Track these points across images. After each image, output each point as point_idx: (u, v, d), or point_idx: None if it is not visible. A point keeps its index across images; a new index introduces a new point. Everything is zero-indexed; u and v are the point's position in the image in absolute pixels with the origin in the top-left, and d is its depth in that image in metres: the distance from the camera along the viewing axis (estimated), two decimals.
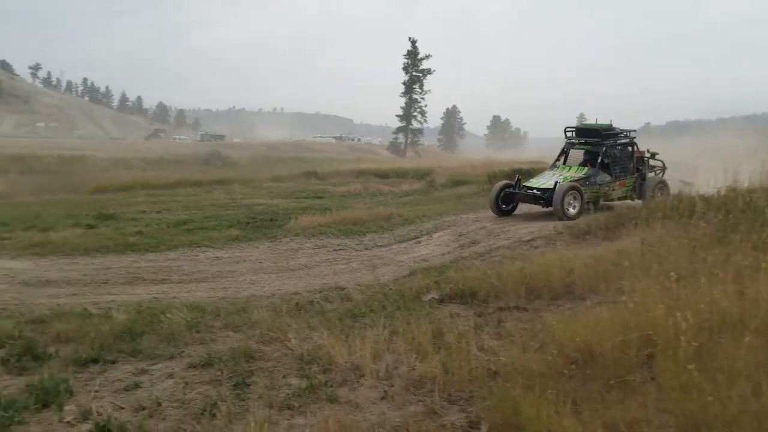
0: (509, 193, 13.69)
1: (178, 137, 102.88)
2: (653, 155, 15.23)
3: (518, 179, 13.97)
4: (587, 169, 13.86)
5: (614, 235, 8.86)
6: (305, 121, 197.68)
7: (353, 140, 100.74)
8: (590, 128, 14.78)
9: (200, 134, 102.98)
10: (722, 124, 65.93)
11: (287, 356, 5.01)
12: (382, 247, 11.81)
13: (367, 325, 5.63)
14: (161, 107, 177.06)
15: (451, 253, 10.41)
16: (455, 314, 6.00)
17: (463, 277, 7.05)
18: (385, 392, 4.28)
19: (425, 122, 78.45)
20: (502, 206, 13.66)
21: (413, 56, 73.49)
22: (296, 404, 4.12)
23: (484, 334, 5.27)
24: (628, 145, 14.56)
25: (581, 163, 14.39)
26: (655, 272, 5.32)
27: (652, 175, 14.98)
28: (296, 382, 4.50)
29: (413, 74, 74.19)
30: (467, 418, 3.88)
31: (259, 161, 44.16)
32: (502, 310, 5.95)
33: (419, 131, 77.60)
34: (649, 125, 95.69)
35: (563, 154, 14.79)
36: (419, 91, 74.61)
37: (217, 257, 11.16)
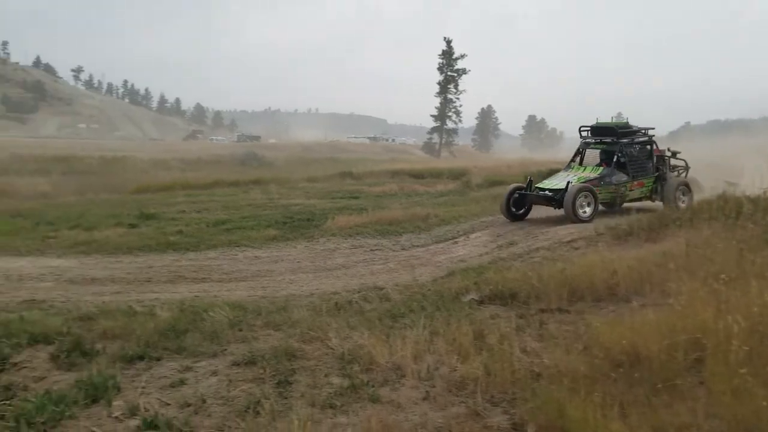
0: (520, 195, 13.31)
1: (215, 138, 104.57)
2: (674, 154, 14.66)
3: (530, 180, 13.58)
4: (602, 168, 13.40)
5: (657, 236, 8.66)
6: (339, 121, 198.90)
7: (387, 140, 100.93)
8: (605, 127, 14.22)
9: (237, 135, 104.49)
10: (766, 123, 63.80)
11: (328, 355, 5.02)
12: (419, 247, 11.79)
13: (406, 325, 5.60)
14: (199, 109, 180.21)
15: (489, 253, 10.33)
16: (495, 315, 5.94)
17: (502, 278, 6.97)
18: (426, 393, 4.26)
19: (460, 122, 78.14)
20: (513, 210, 13.30)
21: (448, 56, 73.07)
22: (338, 403, 4.12)
23: (525, 335, 5.21)
24: (646, 143, 14.05)
25: (598, 163, 13.95)
26: (702, 275, 5.19)
27: (674, 175, 14.38)
28: (338, 381, 4.50)
29: (448, 74, 73.78)
30: (511, 420, 3.84)
31: (294, 161, 44.59)
32: (543, 311, 5.87)
33: (454, 131, 77.20)
34: (689, 124, 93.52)
35: (578, 153, 14.37)
36: (454, 90, 74.15)
37: (255, 256, 11.28)
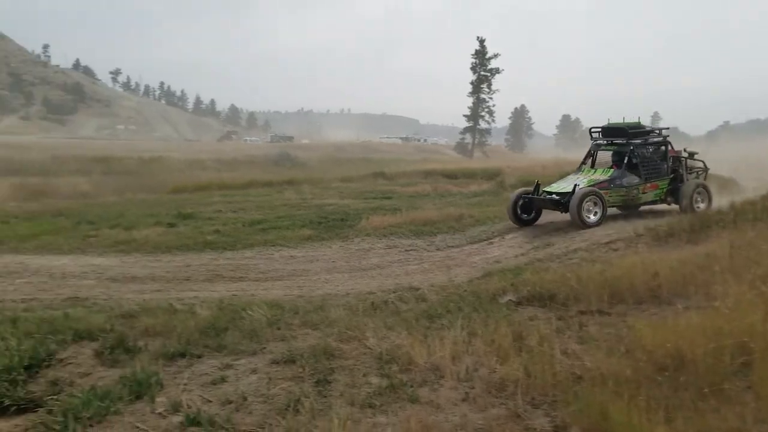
0: (528, 199, 12.91)
1: (249, 138, 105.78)
2: (691, 155, 14.11)
3: (537, 184, 13.19)
4: (613, 171, 12.98)
5: (698, 237, 8.49)
6: (372, 122, 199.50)
7: (419, 141, 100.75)
8: (616, 127, 13.73)
9: (270, 135, 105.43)
10: None
11: (366, 355, 5.02)
12: (453, 248, 11.73)
13: (444, 326, 5.57)
14: (233, 110, 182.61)
15: (525, 254, 10.24)
16: (534, 317, 5.87)
17: (540, 279, 6.90)
18: (466, 394, 4.23)
19: (493, 122, 77.51)
20: (522, 216, 12.90)
21: (481, 56, 72.61)
22: (377, 403, 4.12)
23: (565, 337, 5.13)
24: (660, 144, 13.54)
25: (609, 165, 13.54)
26: (749, 277, 5.07)
27: (693, 176, 13.84)
28: (376, 380, 4.50)
29: (481, 74, 73.34)
30: (552, 422, 3.79)
31: (327, 162, 44.85)
32: (583, 313, 5.79)
33: (487, 131, 76.66)
34: (728, 124, 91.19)
35: (589, 155, 13.91)
36: (487, 90, 73.65)
37: (291, 256, 11.37)
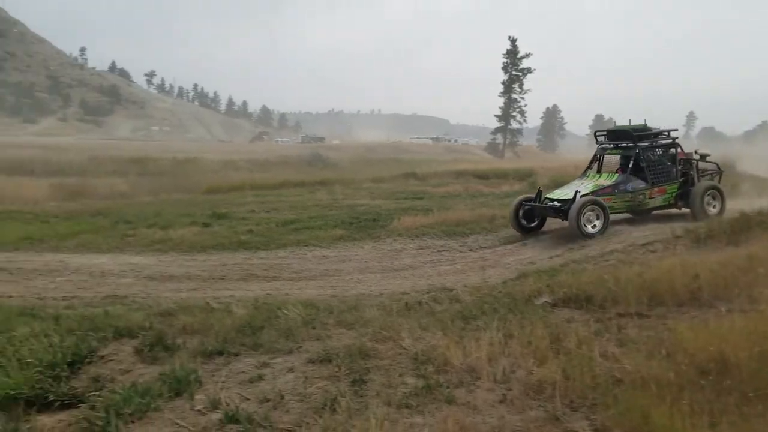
0: (529, 207, 12.47)
1: (280, 139, 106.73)
2: (703, 157, 13.61)
3: (539, 191, 12.76)
4: (617, 176, 12.55)
5: (739, 239, 8.31)
6: (402, 122, 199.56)
7: (450, 141, 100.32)
8: (620, 130, 13.33)
9: (301, 136, 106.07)
10: None
11: (401, 355, 5.01)
12: (486, 248, 11.66)
13: (479, 327, 5.54)
14: (265, 111, 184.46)
15: (559, 256, 10.12)
16: (571, 319, 5.80)
17: (576, 280, 6.80)
18: (503, 396, 4.20)
19: (524, 122, 76.93)
20: (524, 223, 12.51)
21: (513, 55, 72.15)
22: (414, 403, 4.11)
23: (604, 340, 5.05)
24: (669, 146, 13.11)
25: (616, 169, 13.11)
26: None
27: (707, 179, 13.34)
28: (412, 381, 4.48)
29: (512, 73, 72.88)
30: (592, 425, 3.74)
31: (358, 162, 44.97)
32: (621, 316, 5.70)
33: (518, 131, 76.15)
34: (766, 123, 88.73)
35: (595, 160, 13.41)
36: (519, 90, 73.19)
37: (324, 256, 11.43)
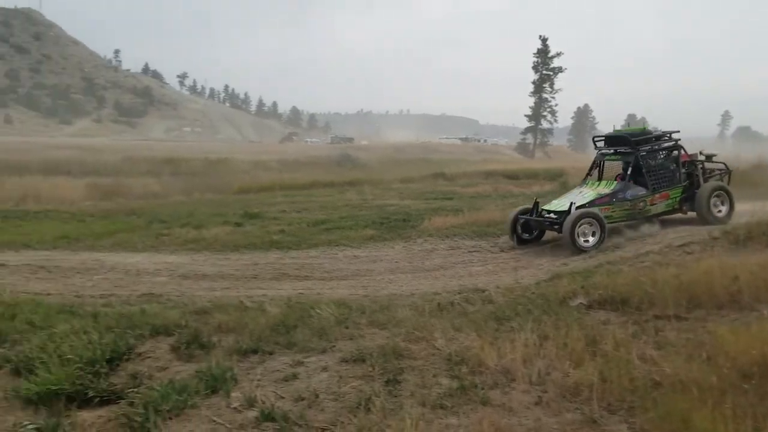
0: (525, 221, 11.84)
1: (309, 140, 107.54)
2: (709, 157, 12.99)
3: (536, 203, 12.01)
4: (616, 183, 11.97)
5: None
6: (431, 122, 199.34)
7: (479, 141, 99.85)
8: (618, 136, 12.75)
9: (330, 137, 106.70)
10: None
11: (435, 356, 5.00)
12: (518, 249, 11.56)
13: (513, 328, 5.49)
14: (294, 111, 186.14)
15: (593, 257, 9.97)
16: (607, 321, 5.73)
17: (612, 282, 6.70)
18: (539, 398, 4.16)
19: (555, 122, 76.20)
20: (523, 235, 11.90)
21: (543, 54, 71.49)
22: (448, 404, 4.10)
23: (641, 342, 4.97)
24: (671, 149, 12.50)
25: (616, 176, 12.48)
26: None
27: (716, 179, 12.73)
28: (447, 382, 4.47)
29: (543, 73, 72.21)
30: (630, 429, 3.69)
31: (387, 163, 44.93)
32: (659, 318, 5.60)
33: (549, 131, 75.45)
34: None
35: (595, 166, 12.85)
36: (549, 90, 72.51)
37: (355, 256, 11.44)
